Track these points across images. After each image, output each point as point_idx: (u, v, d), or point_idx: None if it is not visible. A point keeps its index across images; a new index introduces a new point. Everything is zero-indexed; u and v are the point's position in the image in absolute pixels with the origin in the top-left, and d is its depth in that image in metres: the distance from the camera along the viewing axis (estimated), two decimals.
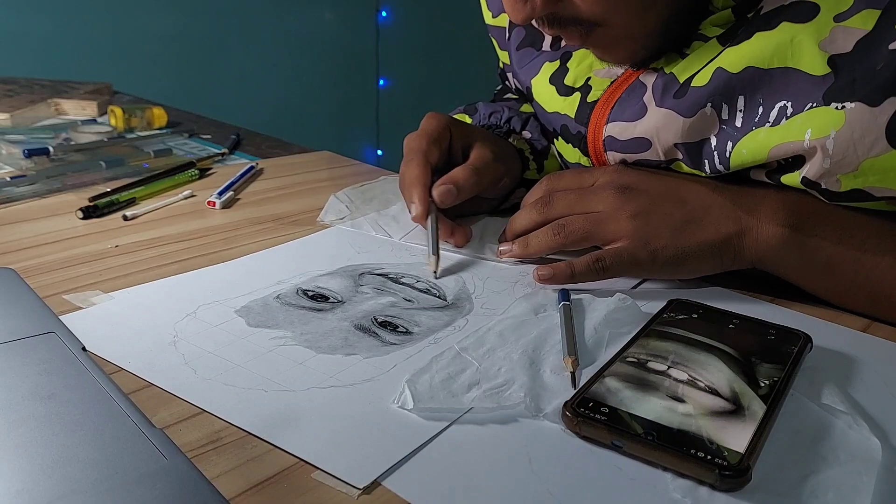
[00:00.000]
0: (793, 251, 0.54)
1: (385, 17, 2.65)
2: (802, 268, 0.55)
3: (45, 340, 0.43)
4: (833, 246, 0.54)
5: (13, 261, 0.56)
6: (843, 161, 0.50)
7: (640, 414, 0.39)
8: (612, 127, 0.61)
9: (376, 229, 0.66)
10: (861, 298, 0.54)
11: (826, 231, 0.54)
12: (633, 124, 0.59)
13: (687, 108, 0.56)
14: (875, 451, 0.37)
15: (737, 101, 0.54)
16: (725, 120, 0.55)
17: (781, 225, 0.54)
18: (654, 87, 0.58)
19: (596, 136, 0.63)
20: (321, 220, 0.68)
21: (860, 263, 0.53)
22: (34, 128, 0.96)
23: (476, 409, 0.40)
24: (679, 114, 0.56)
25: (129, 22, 2.01)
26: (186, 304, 0.50)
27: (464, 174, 0.63)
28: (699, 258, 0.55)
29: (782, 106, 0.52)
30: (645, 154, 0.60)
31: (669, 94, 0.57)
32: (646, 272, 0.57)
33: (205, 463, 0.35)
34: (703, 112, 0.55)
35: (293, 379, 0.42)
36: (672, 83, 0.57)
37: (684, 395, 0.40)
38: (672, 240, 0.55)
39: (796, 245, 0.54)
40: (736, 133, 0.55)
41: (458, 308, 0.53)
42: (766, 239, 0.54)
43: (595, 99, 0.63)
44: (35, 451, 0.34)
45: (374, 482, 0.34)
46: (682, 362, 0.44)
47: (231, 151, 0.91)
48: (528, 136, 0.74)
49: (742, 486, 0.35)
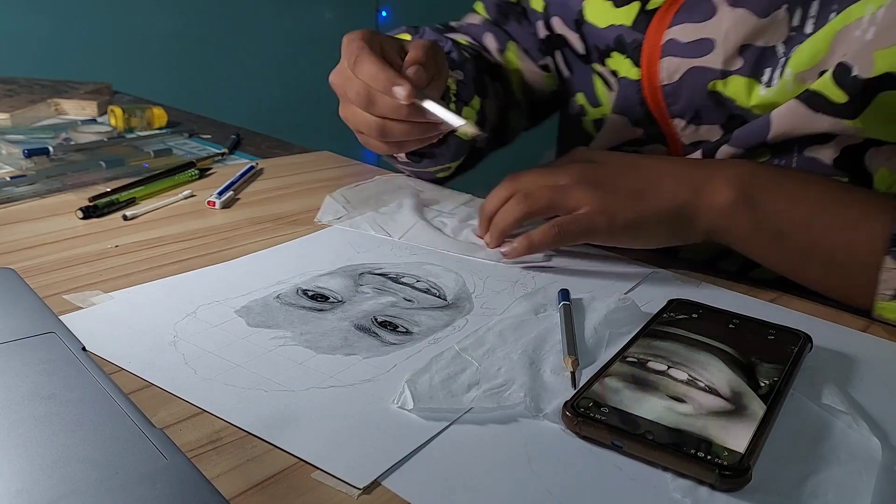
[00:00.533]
0: (744, 218, 0.55)
1: (385, 17, 2.65)
2: (754, 235, 0.56)
3: (45, 340, 0.43)
4: (784, 212, 0.55)
5: (13, 261, 0.56)
6: (887, 32, 0.49)
7: (640, 414, 0.39)
8: (675, 30, 0.61)
9: (375, 229, 0.66)
10: (815, 266, 0.54)
11: (777, 197, 0.55)
12: (700, 25, 0.59)
13: (761, 8, 0.56)
14: (875, 451, 0.37)
15: (810, 7, 0.54)
16: (796, 27, 0.55)
17: (734, 191, 0.55)
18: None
19: (654, 41, 0.62)
20: (318, 220, 0.68)
21: (811, 229, 0.54)
22: (34, 128, 0.96)
23: (476, 409, 0.40)
24: (752, 12, 0.56)
25: (129, 22, 2.00)
26: (186, 304, 0.50)
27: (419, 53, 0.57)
28: (655, 225, 0.57)
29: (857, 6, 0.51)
30: (703, 59, 0.59)
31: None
32: (603, 238, 0.58)
33: (205, 463, 0.35)
34: (777, 14, 0.55)
35: (293, 379, 0.42)
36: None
37: (684, 395, 0.40)
38: (629, 207, 0.57)
39: (748, 211, 0.55)
40: (804, 40, 0.54)
41: (458, 308, 0.53)
42: (719, 206, 0.56)
43: (657, 6, 0.63)
44: (35, 451, 0.34)
45: (374, 482, 0.34)
46: (683, 362, 0.44)
47: (231, 151, 0.91)
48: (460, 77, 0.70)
49: (742, 486, 0.35)
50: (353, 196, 0.73)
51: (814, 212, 0.54)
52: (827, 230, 0.53)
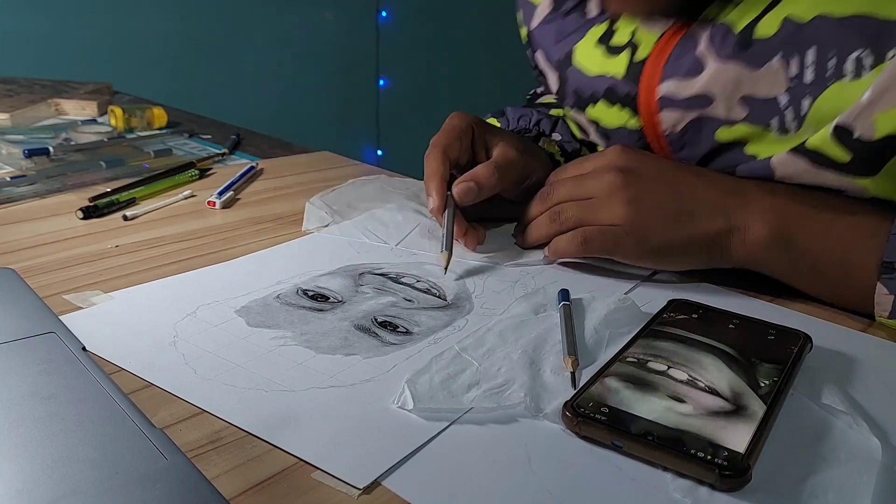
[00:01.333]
0: (779, 253, 0.54)
1: (385, 17, 2.65)
2: (789, 269, 0.55)
3: (45, 340, 0.43)
4: (820, 246, 0.54)
5: (13, 261, 0.56)
6: (886, 95, 0.48)
7: (640, 414, 0.39)
8: (666, 85, 0.59)
9: (368, 235, 0.64)
10: (852, 297, 0.54)
11: (813, 232, 0.54)
12: (690, 81, 0.57)
13: (754, 61, 0.54)
14: (875, 451, 0.37)
15: (806, 55, 0.52)
16: (794, 76, 0.53)
17: (769, 226, 0.54)
18: (711, 39, 0.56)
19: (649, 95, 0.61)
20: (305, 228, 0.66)
21: (848, 264, 0.53)
22: (34, 128, 0.96)
23: (476, 409, 0.40)
24: (746, 66, 0.54)
25: (129, 22, 2.00)
26: (186, 304, 0.50)
27: (485, 171, 0.62)
28: (685, 252, 0.56)
29: (857, 56, 0.50)
30: (706, 111, 0.58)
31: (729, 45, 0.55)
32: (629, 258, 0.57)
33: (205, 463, 0.35)
34: (771, 65, 0.53)
35: (293, 379, 0.42)
36: (729, 34, 0.55)
37: (684, 395, 0.40)
38: (661, 231, 0.56)
39: (783, 247, 0.54)
40: (810, 89, 0.52)
41: (458, 308, 0.53)
42: (754, 240, 0.54)
43: (644, 56, 0.61)
44: (35, 451, 0.34)
45: (374, 482, 0.34)
46: (683, 362, 0.44)
47: (231, 151, 0.91)
48: (559, 139, 0.73)
49: (742, 486, 0.35)
50: (333, 200, 0.71)
51: (847, 246, 0.53)
52: (864, 266, 0.53)
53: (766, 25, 0.53)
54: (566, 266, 0.60)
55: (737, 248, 0.55)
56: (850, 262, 0.53)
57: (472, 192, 0.62)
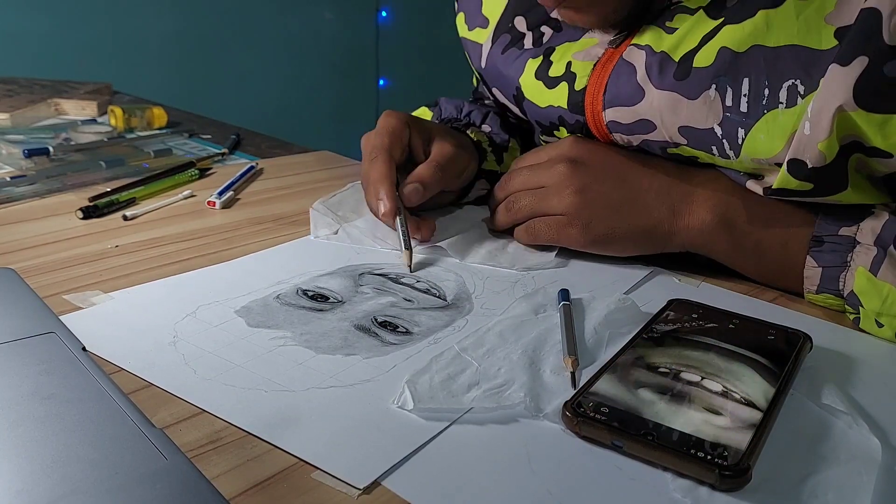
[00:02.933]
0: (723, 236, 0.57)
1: (385, 17, 2.65)
2: (732, 252, 0.58)
3: (45, 340, 0.43)
4: (760, 231, 0.57)
5: (13, 261, 0.56)
6: (820, 125, 0.50)
7: (641, 413, 0.39)
8: (611, 112, 0.60)
9: (379, 243, 0.63)
10: (790, 278, 0.56)
11: (753, 217, 0.57)
12: (632, 108, 0.59)
13: (691, 90, 0.55)
14: (875, 451, 0.37)
15: (741, 85, 0.53)
16: (729, 107, 0.54)
17: (712, 211, 0.57)
18: (648, 68, 0.57)
19: (597, 121, 0.62)
20: (315, 236, 0.65)
21: (786, 247, 0.56)
22: (34, 128, 0.96)
23: (476, 409, 0.40)
24: (683, 95, 0.55)
25: (129, 22, 2.01)
26: (186, 304, 0.50)
27: (429, 171, 0.64)
28: (629, 239, 0.59)
29: (791, 85, 0.51)
30: (651, 135, 0.59)
31: (668, 74, 0.56)
32: (575, 245, 0.60)
33: (205, 463, 0.35)
34: (707, 95, 0.54)
35: (293, 379, 0.42)
36: (667, 62, 0.56)
37: (685, 395, 0.40)
38: (605, 219, 0.59)
39: (726, 231, 0.57)
40: (745, 119, 0.54)
41: (458, 308, 0.53)
42: (698, 224, 0.57)
43: (582, 86, 0.62)
44: (35, 451, 0.34)
45: (374, 482, 0.34)
46: (683, 362, 0.44)
47: (231, 151, 0.91)
48: (488, 130, 0.74)
49: (742, 486, 0.35)
50: (336, 206, 0.70)
51: (786, 230, 0.56)
52: (800, 252, 0.55)
53: (704, 56, 0.55)
54: (565, 263, 0.61)
55: (681, 234, 0.58)
56: (789, 245, 0.56)
57: (418, 193, 0.64)
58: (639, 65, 0.58)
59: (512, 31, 0.70)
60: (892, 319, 0.51)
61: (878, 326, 0.51)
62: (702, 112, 0.55)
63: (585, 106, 0.62)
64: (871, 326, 0.52)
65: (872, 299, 0.51)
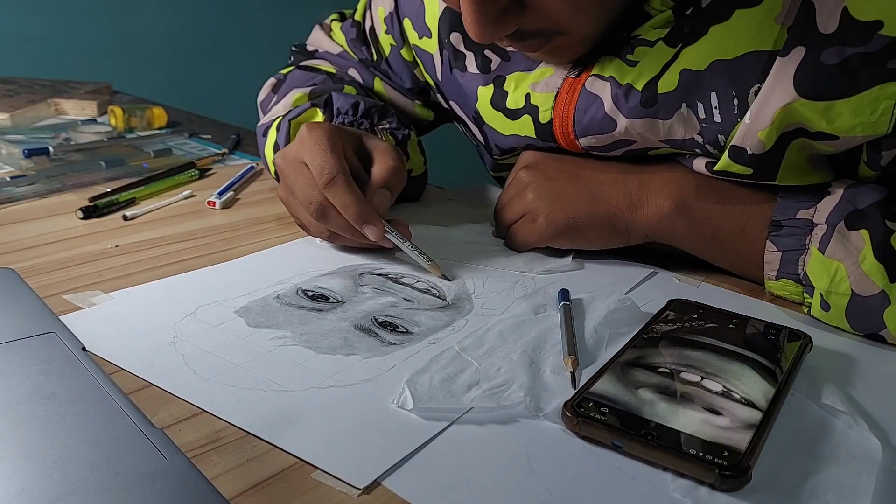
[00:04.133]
0: (681, 223, 0.58)
1: None
2: (692, 238, 0.59)
3: (45, 340, 0.43)
4: (718, 217, 0.57)
5: (13, 261, 0.56)
6: (761, 115, 0.52)
7: (641, 413, 0.39)
8: (585, 140, 0.61)
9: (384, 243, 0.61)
10: (749, 263, 0.57)
11: (709, 204, 0.57)
12: (607, 135, 0.59)
13: (662, 113, 0.56)
14: (875, 451, 0.37)
15: (710, 99, 0.54)
16: (703, 119, 0.55)
17: (670, 198, 0.58)
18: (615, 99, 0.58)
19: (572, 146, 0.62)
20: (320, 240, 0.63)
21: (744, 232, 0.56)
22: (34, 128, 0.96)
23: (476, 409, 0.40)
24: (656, 118, 0.57)
25: (129, 22, 2.00)
26: (186, 304, 0.50)
27: (390, 174, 0.59)
28: (591, 228, 0.60)
29: (756, 89, 0.52)
30: (634, 146, 0.60)
31: (635, 103, 0.57)
32: (545, 240, 0.61)
33: (205, 463, 0.35)
34: (680, 112, 0.56)
35: (293, 379, 0.42)
36: (632, 92, 0.57)
37: (685, 395, 0.40)
38: (564, 209, 0.60)
39: (684, 217, 0.58)
40: (721, 127, 0.55)
41: (457, 308, 0.53)
42: (656, 212, 0.58)
43: (548, 119, 0.62)
44: (35, 452, 0.34)
45: (374, 482, 0.34)
46: (683, 362, 0.44)
47: (231, 151, 0.91)
48: (388, 127, 0.70)
49: (742, 486, 0.35)
50: None
51: (743, 215, 0.56)
52: (758, 237, 0.56)
53: (667, 81, 0.56)
54: (579, 261, 0.61)
55: (641, 222, 0.59)
56: (746, 230, 0.56)
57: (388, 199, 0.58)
58: (605, 96, 0.58)
59: (449, 47, 0.68)
60: (839, 298, 0.51)
61: (825, 310, 0.52)
62: (679, 128, 0.57)
63: (556, 135, 0.63)
64: (820, 311, 0.52)
65: (821, 278, 0.52)
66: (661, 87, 0.56)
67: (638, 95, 0.57)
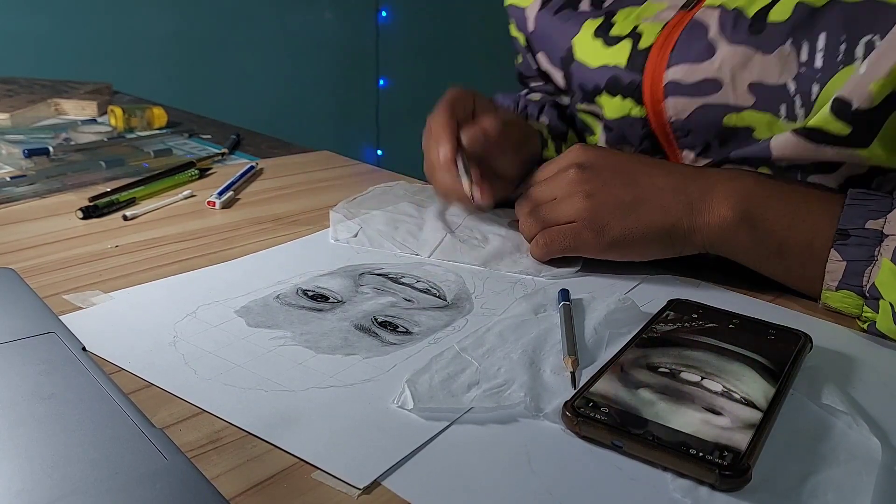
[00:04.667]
0: (743, 235, 0.54)
1: (385, 17, 2.65)
2: (754, 252, 0.55)
3: (45, 340, 0.43)
4: (785, 231, 0.54)
5: (13, 261, 0.56)
6: (878, 64, 0.49)
7: (641, 413, 0.39)
8: (675, 70, 0.59)
9: (399, 247, 0.62)
10: (811, 280, 0.54)
11: (777, 216, 0.54)
12: (700, 65, 0.58)
13: (766, 44, 0.54)
14: (875, 451, 0.37)
15: (817, 40, 0.52)
16: (805, 62, 0.53)
17: (734, 208, 0.54)
18: (722, 24, 0.57)
19: (655, 82, 0.61)
20: (334, 239, 0.64)
21: (812, 249, 0.53)
22: (34, 128, 0.96)
23: (476, 409, 0.40)
24: (757, 50, 0.55)
25: (129, 22, 2.00)
26: (186, 304, 0.50)
27: (491, 120, 0.63)
28: (647, 240, 0.56)
29: (868, 41, 0.51)
30: (713, 97, 0.58)
31: (742, 29, 0.55)
32: (592, 252, 0.58)
33: (205, 463, 0.35)
34: (783, 49, 0.54)
35: (293, 379, 0.42)
36: (741, 18, 0.56)
37: (685, 395, 0.40)
38: (619, 221, 0.56)
39: (747, 229, 0.54)
40: (819, 75, 0.53)
41: (457, 308, 0.53)
42: (718, 222, 0.54)
43: (648, 45, 0.62)
44: (35, 451, 0.34)
45: (374, 482, 0.34)
46: (683, 362, 0.44)
47: (231, 151, 0.91)
48: (546, 122, 0.74)
49: (742, 486, 0.35)
50: (356, 209, 0.70)
51: (811, 228, 0.53)
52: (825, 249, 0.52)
53: (780, 10, 0.54)
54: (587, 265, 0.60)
55: (700, 233, 0.55)
56: (815, 244, 0.53)
57: (480, 139, 0.62)
58: (712, 22, 0.57)
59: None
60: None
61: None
62: (776, 67, 0.54)
63: (647, 64, 0.61)
64: (890, 325, 0.49)
65: (893, 290, 0.49)
66: (771, 16, 0.54)
67: (746, 21, 0.55)
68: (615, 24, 0.65)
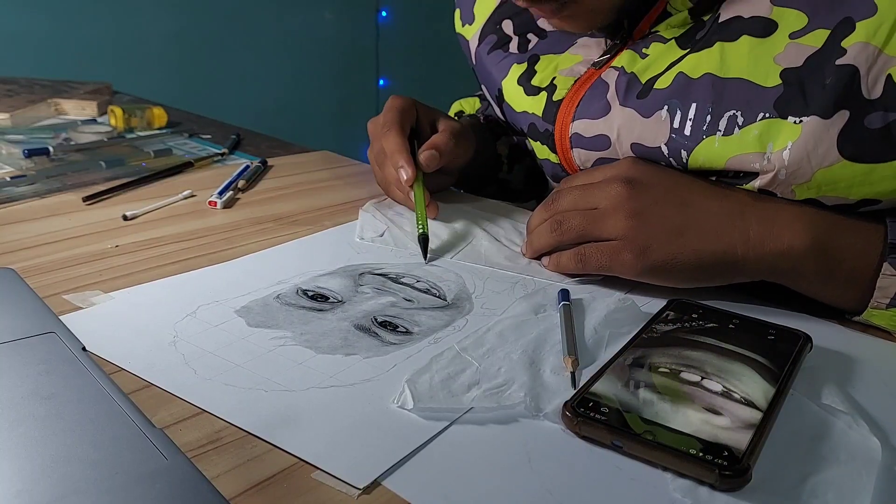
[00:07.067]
0: (811, 264, 0.52)
1: (385, 17, 2.65)
2: (822, 280, 0.53)
3: (45, 340, 0.43)
4: (856, 259, 0.51)
5: (13, 261, 0.56)
6: (798, 172, 0.51)
7: (641, 413, 0.39)
8: (577, 124, 0.63)
9: None
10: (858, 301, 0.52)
11: (849, 243, 0.52)
12: (597, 122, 0.61)
13: (647, 110, 0.58)
14: (875, 451, 0.37)
15: (689, 109, 0.55)
16: (676, 128, 0.56)
17: (800, 236, 0.52)
18: (618, 86, 0.60)
19: (563, 133, 0.64)
20: (360, 238, 0.64)
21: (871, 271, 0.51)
22: (34, 128, 0.96)
23: (476, 409, 0.40)
24: (639, 114, 0.58)
25: (129, 22, 2.01)
26: (186, 304, 0.50)
27: (443, 139, 0.68)
28: (690, 267, 0.53)
29: (732, 115, 0.53)
30: (605, 153, 0.61)
31: (633, 93, 0.59)
32: (628, 274, 0.54)
33: (205, 463, 0.35)
34: (659, 115, 0.57)
35: (293, 379, 0.42)
36: (634, 83, 0.59)
37: (685, 395, 0.40)
38: (664, 245, 0.53)
39: (816, 257, 0.52)
40: (687, 142, 0.55)
41: (458, 308, 0.53)
42: (786, 250, 0.52)
43: (560, 98, 0.65)
44: (35, 451, 0.34)
45: (374, 482, 0.34)
46: (683, 362, 0.44)
47: (231, 151, 0.91)
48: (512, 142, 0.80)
49: (742, 486, 0.35)
50: (387, 209, 0.70)
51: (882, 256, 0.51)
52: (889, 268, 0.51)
53: (665, 79, 0.57)
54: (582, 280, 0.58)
55: (757, 260, 0.52)
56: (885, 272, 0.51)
57: (435, 159, 0.67)
58: (612, 83, 0.61)
59: (499, 32, 0.72)
60: None
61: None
62: (652, 131, 0.57)
63: (558, 116, 0.64)
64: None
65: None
66: (658, 83, 0.57)
67: (638, 86, 0.58)
68: (536, 73, 0.67)
